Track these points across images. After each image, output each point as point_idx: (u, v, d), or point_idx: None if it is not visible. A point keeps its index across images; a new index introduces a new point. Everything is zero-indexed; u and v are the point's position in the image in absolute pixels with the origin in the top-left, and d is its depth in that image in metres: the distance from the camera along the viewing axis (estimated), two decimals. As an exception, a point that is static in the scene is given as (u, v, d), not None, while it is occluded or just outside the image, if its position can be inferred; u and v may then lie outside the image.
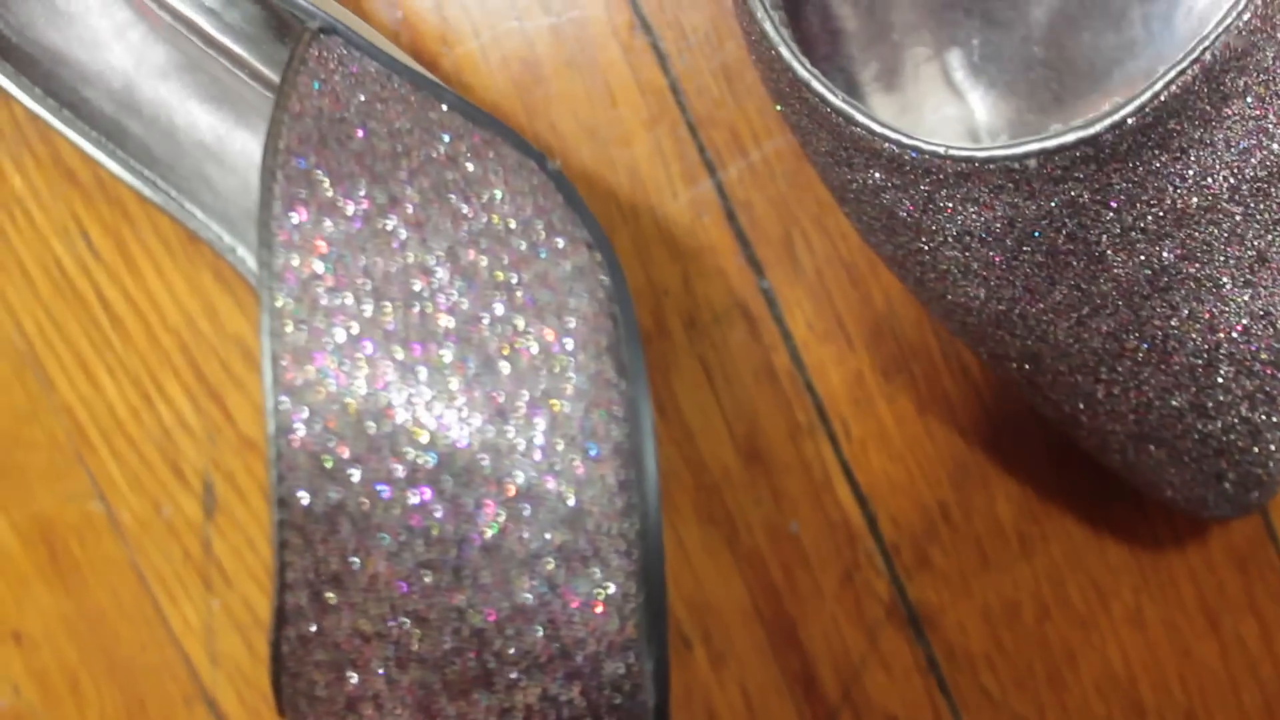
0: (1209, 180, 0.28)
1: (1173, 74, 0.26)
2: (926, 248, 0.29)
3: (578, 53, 0.33)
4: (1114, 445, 0.31)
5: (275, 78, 0.27)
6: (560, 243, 0.25)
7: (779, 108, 0.30)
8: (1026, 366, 0.30)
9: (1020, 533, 0.34)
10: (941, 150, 0.27)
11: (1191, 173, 0.28)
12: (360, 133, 0.25)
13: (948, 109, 0.32)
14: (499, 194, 0.25)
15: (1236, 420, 0.30)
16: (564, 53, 0.33)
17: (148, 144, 0.33)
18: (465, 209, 0.25)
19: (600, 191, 0.33)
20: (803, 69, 0.27)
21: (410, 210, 0.24)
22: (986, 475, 0.34)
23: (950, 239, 0.29)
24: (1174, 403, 0.30)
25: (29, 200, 0.34)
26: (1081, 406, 0.30)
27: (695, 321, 0.33)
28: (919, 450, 0.34)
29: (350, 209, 0.24)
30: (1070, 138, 0.27)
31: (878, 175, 0.28)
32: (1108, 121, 0.27)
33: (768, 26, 0.27)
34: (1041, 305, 0.29)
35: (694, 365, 0.33)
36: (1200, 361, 0.29)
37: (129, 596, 0.35)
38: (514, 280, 0.24)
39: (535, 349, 0.24)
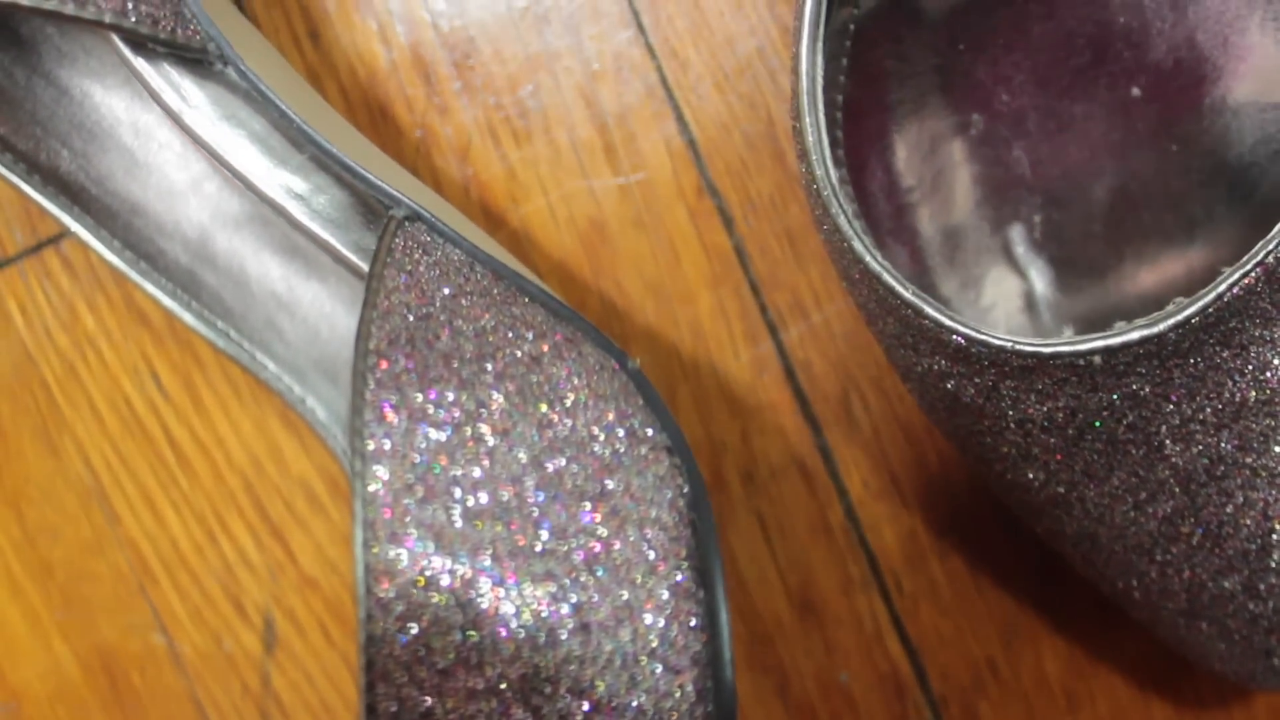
0: (1268, 374, 0.29)
1: (1236, 275, 0.27)
2: (988, 431, 0.30)
3: (644, 212, 0.34)
4: (1165, 619, 0.31)
5: (358, 261, 0.28)
6: (643, 450, 0.25)
7: (845, 285, 0.30)
8: (1082, 545, 0.31)
9: (1067, 689, 0.34)
10: (1009, 345, 0.28)
11: (1251, 367, 0.28)
12: (446, 332, 0.26)
13: (1008, 283, 0.33)
14: (583, 398, 0.26)
15: (1288, 602, 0.31)
16: (631, 212, 0.34)
17: (221, 294, 0.33)
18: (550, 415, 0.25)
19: (663, 348, 0.34)
20: (874, 261, 0.28)
21: (497, 417, 0.25)
22: (1035, 632, 0.34)
23: (1012, 425, 0.29)
24: (1226, 584, 0.30)
25: (100, 340, 0.35)
26: (1135, 584, 0.31)
27: (753, 476, 0.34)
28: (969, 606, 0.34)
29: (440, 416, 0.25)
30: (1135, 335, 0.27)
31: (943, 362, 0.29)
32: (1172, 321, 0.27)
33: (841, 221, 0.28)
34: (1099, 490, 0.30)
35: (750, 519, 0.34)
36: (1254, 547, 0.30)
37: (188, 727, 0.36)
38: (598, 490, 0.25)
39: (619, 561, 0.24)
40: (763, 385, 0.34)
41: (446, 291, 0.27)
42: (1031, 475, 0.30)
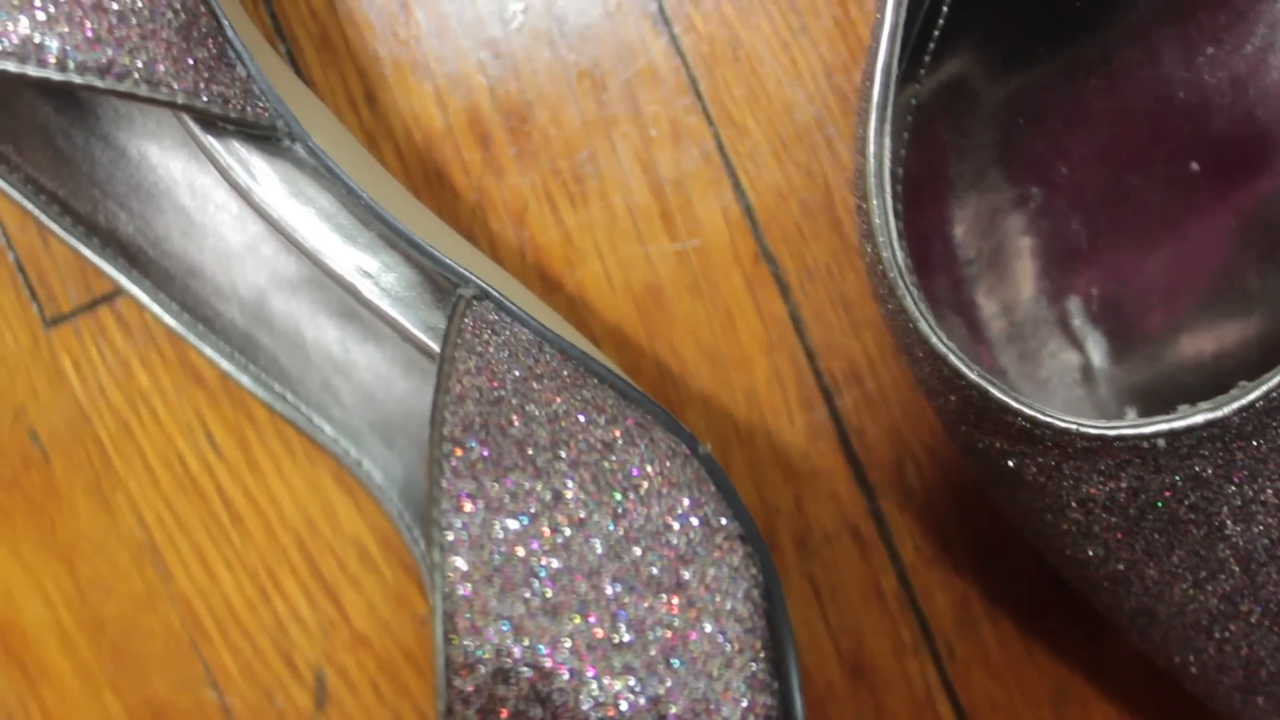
0: (1329, 455, 0.29)
1: (1300, 360, 0.27)
2: (1049, 509, 0.30)
3: (701, 279, 0.34)
4: (1221, 694, 0.32)
5: (427, 340, 0.28)
6: (718, 539, 0.25)
7: (905, 359, 0.30)
8: (1140, 620, 0.31)
9: (1117, 755, 0.35)
10: (1074, 427, 0.28)
11: (1313, 448, 0.28)
12: (519, 417, 0.26)
13: (1065, 355, 0.33)
14: (656, 486, 0.26)
15: (1344, 679, 0.31)
16: (687, 278, 0.34)
17: (278, 357, 0.34)
18: (625, 504, 0.25)
19: (718, 413, 0.34)
20: (940, 343, 0.28)
21: (573, 506, 0.25)
22: (1085, 698, 0.34)
23: (1073, 504, 0.29)
24: (1284, 661, 0.31)
25: (155, 398, 0.35)
26: (1191, 659, 0.31)
27: (806, 542, 0.34)
28: (1020, 672, 0.34)
29: (517, 506, 0.25)
30: (1199, 419, 0.27)
31: (1005, 441, 0.29)
32: (1236, 405, 0.27)
33: (908, 303, 0.28)
34: (1159, 568, 0.30)
35: (803, 583, 0.34)
36: (1312, 625, 0.30)
37: (238, 782, 0.36)
38: (674, 582, 0.25)
39: (696, 653, 0.24)
40: (817, 451, 0.34)
41: (517, 374, 0.27)
42: (1091, 552, 0.30)
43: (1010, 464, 0.29)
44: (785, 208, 0.33)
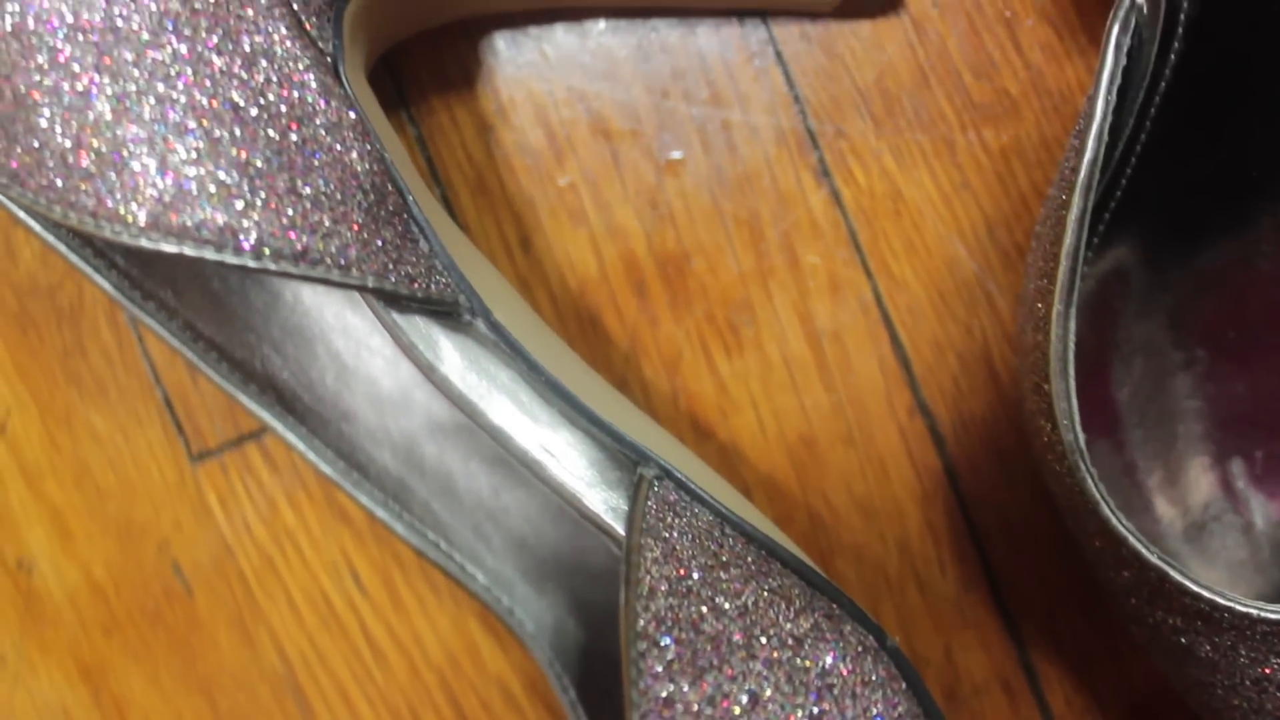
0: None
1: None
2: (1219, 685, 0.30)
3: (856, 430, 0.33)
4: None
5: (609, 521, 0.28)
6: (914, 742, 0.25)
7: (1074, 532, 0.30)
8: (1307, 794, 0.31)
9: None
10: (1255, 612, 0.28)
11: None
12: (709, 610, 0.26)
13: (1228, 517, 0.32)
14: (850, 685, 0.25)
15: None
16: (841, 429, 0.33)
17: (429, 503, 0.33)
18: (820, 706, 0.25)
19: (869, 563, 0.34)
20: (1120, 525, 0.28)
21: (770, 709, 0.25)
22: None
23: (1248, 682, 0.29)
24: None
25: (300, 535, 0.35)
26: (1359, 831, 0.31)
27: (955, 693, 0.34)
28: (1169, 825, 0.34)
29: (715, 712, 0.25)
30: (1381, 606, 0.27)
31: (1180, 619, 0.29)
32: None
33: (1089, 485, 0.28)
34: (1333, 746, 0.30)
35: (952, 734, 0.34)
36: None
37: None
38: (873, 789, 0.25)
39: None
40: (968, 603, 0.34)
41: (703, 560, 0.27)
42: (1262, 727, 0.30)
43: (1183, 640, 0.29)
44: (943, 361, 0.33)
